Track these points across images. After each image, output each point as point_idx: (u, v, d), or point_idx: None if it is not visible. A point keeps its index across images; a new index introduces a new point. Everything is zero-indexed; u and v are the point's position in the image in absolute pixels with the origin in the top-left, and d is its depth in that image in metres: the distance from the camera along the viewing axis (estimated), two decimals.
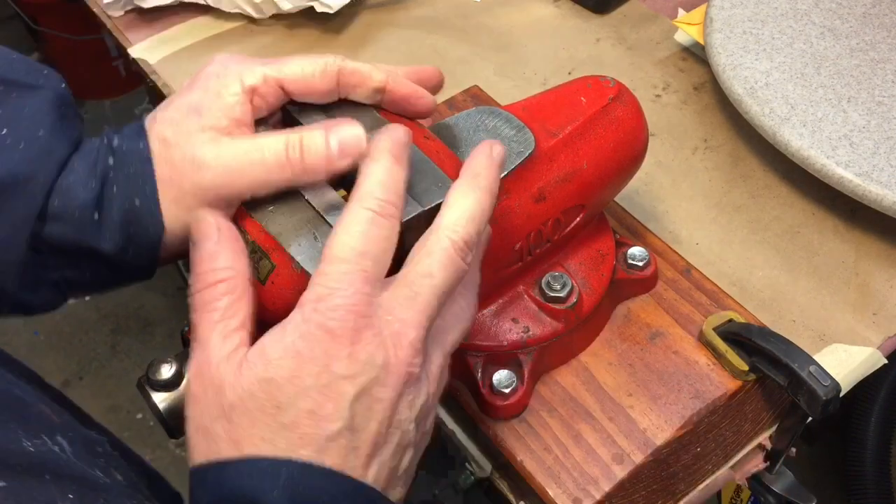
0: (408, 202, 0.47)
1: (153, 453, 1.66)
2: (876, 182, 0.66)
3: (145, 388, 0.50)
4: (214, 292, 0.43)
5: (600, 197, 0.61)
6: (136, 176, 0.49)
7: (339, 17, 0.91)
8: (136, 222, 0.49)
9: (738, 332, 0.59)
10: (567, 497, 0.55)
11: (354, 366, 0.41)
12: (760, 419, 0.63)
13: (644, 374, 0.60)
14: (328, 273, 0.42)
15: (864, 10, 0.82)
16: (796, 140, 0.69)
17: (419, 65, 0.55)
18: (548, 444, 0.57)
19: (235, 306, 0.43)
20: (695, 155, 0.78)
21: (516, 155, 0.55)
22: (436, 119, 0.61)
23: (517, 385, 0.57)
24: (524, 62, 0.87)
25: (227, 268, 0.43)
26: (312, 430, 0.40)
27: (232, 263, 0.43)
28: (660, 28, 0.90)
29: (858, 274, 0.69)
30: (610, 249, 0.63)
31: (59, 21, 2.06)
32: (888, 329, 0.66)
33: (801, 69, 0.75)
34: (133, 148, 0.49)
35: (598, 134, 0.58)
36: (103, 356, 1.82)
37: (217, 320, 0.42)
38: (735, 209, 0.74)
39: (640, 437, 0.57)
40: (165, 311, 1.88)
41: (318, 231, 0.46)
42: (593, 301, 0.60)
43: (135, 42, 0.89)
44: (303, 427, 0.40)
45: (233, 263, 0.43)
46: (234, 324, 0.42)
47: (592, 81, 0.60)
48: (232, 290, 0.43)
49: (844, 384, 0.61)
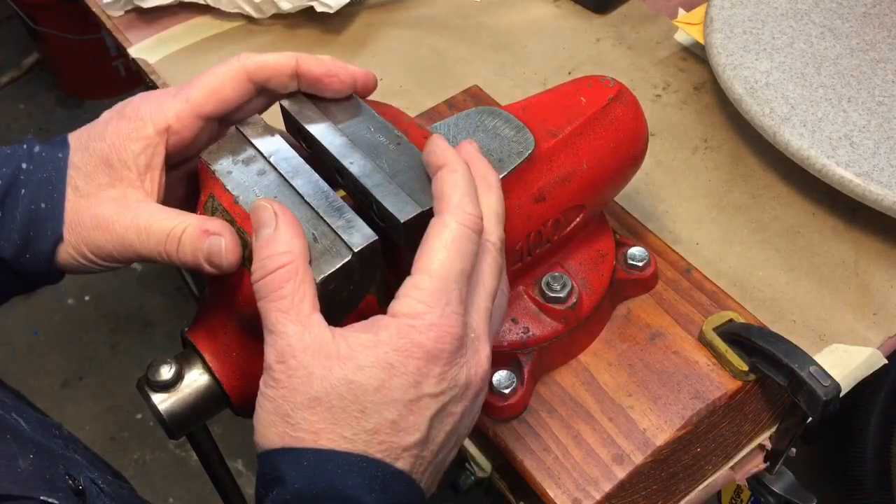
0: (407, 203, 0.47)
1: (153, 453, 1.66)
2: (876, 182, 0.66)
3: (145, 388, 0.50)
4: (277, 278, 0.43)
5: (600, 197, 0.61)
6: (47, 181, 0.51)
7: (339, 17, 0.91)
8: (36, 226, 0.50)
9: (738, 332, 0.59)
10: (567, 497, 0.55)
11: (441, 384, 0.43)
12: (760, 419, 0.63)
13: (644, 375, 0.60)
14: (425, 289, 0.43)
15: (864, 10, 0.82)
16: (796, 140, 0.69)
17: (419, 65, 0.55)
18: (547, 445, 0.57)
19: (301, 290, 0.43)
20: (695, 155, 0.78)
21: (516, 155, 0.55)
22: (436, 119, 0.61)
23: (517, 385, 0.57)
24: (524, 62, 0.87)
25: (285, 252, 0.43)
26: (391, 438, 0.42)
27: (289, 247, 0.44)
28: (660, 28, 0.90)
29: (858, 274, 0.69)
30: (610, 249, 0.63)
31: (59, 21, 2.06)
32: (888, 329, 0.66)
33: (802, 69, 0.75)
34: (51, 156, 0.51)
35: (598, 134, 0.58)
36: (103, 356, 1.82)
37: (286, 308, 0.43)
38: (735, 209, 0.74)
39: (640, 437, 0.57)
40: (165, 311, 1.88)
41: (317, 231, 0.46)
42: (593, 301, 0.60)
43: (135, 42, 0.89)
44: (383, 434, 0.42)
45: (290, 247, 0.44)
46: (307, 308, 0.43)
47: (592, 81, 0.60)
48: (294, 274, 0.43)
49: (844, 384, 0.61)
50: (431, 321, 0.42)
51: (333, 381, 0.42)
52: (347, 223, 0.46)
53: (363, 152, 0.49)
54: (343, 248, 0.45)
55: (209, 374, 0.51)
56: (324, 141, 0.50)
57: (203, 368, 0.51)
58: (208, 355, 0.51)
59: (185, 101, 0.51)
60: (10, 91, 2.34)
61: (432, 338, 0.42)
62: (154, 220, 0.49)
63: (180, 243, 0.49)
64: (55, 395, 1.75)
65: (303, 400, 0.42)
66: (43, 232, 0.50)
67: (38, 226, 0.50)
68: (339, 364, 0.42)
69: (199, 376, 0.51)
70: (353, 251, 0.45)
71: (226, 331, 0.50)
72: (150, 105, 0.51)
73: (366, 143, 0.50)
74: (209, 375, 0.51)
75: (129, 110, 0.51)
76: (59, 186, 0.51)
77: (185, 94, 0.51)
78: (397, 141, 0.50)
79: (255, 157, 0.50)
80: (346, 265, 0.45)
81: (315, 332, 0.42)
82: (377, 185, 0.47)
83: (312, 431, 0.42)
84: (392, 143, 0.50)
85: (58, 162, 0.51)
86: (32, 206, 0.50)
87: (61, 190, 0.51)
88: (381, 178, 0.48)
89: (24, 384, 1.77)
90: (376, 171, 0.48)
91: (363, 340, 0.42)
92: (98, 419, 1.72)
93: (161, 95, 0.51)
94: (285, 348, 0.42)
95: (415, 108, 0.78)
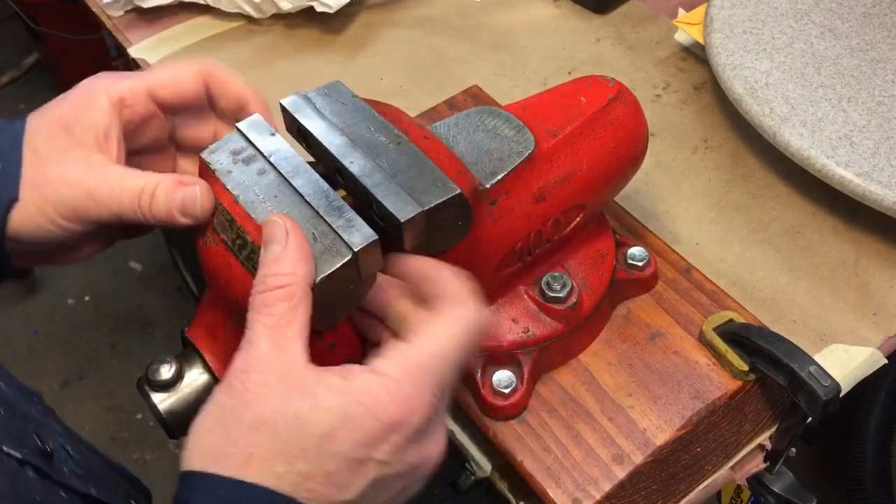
0: (407, 203, 0.47)
1: (153, 453, 1.66)
2: (876, 182, 0.66)
3: (145, 388, 0.50)
4: (272, 297, 0.43)
5: (600, 197, 0.61)
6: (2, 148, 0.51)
7: (339, 16, 0.91)
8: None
9: (738, 332, 0.59)
10: (567, 497, 0.55)
11: (392, 456, 0.42)
12: (760, 419, 0.63)
13: (644, 375, 0.60)
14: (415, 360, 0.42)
15: (864, 10, 0.82)
16: (796, 140, 0.69)
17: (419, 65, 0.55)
18: (547, 445, 0.57)
19: (291, 314, 0.42)
20: (695, 155, 0.78)
21: (516, 155, 0.55)
22: (436, 119, 0.61)
23: (517, 385, 0.57)
24: (524, 62, 0.87)
25: (288, 273, 0.43)
26: (322, 490, 0.40)
27: (294, 269, 0.43)
28: (660, 28, 0.90)
29: (858, 274, 0.69)
30: (610, 249, 0.63)
31: (59, 21, 2.06)
32: (888, 329, 0.66)
33: (802, 69, 0.75)
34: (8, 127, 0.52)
35: (598, 134, 0.58)
36: (103, 356, 1.82)
37: (271, 325, 0.42)
38: (735, 209, 0.74)
39: (640, 437, 0.57)
40: (165, 311, 1.88)
41: (317, 231, 0.46)
42: (593, 301, 0.60)
43: (135, 42, 0.89)
44: (314, 482, 0.40)
45: (294, 269, 0.43)
46: (291, 333, 0.42)
47: (592, 81, 0.60)
48: (290, 297, 0.42)
49: (844, 384, 0.61)
50: (408, 392, 0.41)
51: (286, 411, 0.40)
52: (347, 223, 0.46)
53: (363, 152, 0.49)
54: (343, 248, 0.45)
55: (209, 373, 0.51)
56: (324, 141, 0.50)
57: (203, 368, 0.51)
58: (208, 355, 0.51)
59: (142, 79, 0.52)
60: (10, 91, 2.34)
61: (403, 409, 0.41)
62: (125, 178, 0.49)
63: (154, 197, 0.49)
64: (55, 395, 1.75)
65: (250, 418, 0.40)
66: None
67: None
68: (298, 396, 0.41)
69: (199, 376, 0.51)
70: (353, 251, 0.45)
71: (226, 330, 0.50)
72: (108, 79, 0.52)
73: (366, 142, 0.50)
74: (209, 375, 0.51)
75: (86, 83, 0.52)
76: (15, 151, 0.50)
77: (144, 75, 0.52)
78: (397, 141, 0.50)
79: (255, 156, 0.50)
80: (346, 265, 0.45)
81: (289, 359, 0.41)
82: (377, 185, 0.47)
83: (246, 454, 0.40)
84: (392, 143, 0.50)
85: (14, 130, 0.51)
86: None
87: (18, 154, 0.50)
88: (381, 177, 0.48)
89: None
90: (376, 170, 0.48)
91: (332, 382, 0.41)
92: (98, 419, 1.72)
93: (120, 73, 0.53)
94: (254, 361, 0.41)
95: (415, 108, 0.78)
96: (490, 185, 0.54)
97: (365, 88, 0.83)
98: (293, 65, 0.87)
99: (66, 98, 0.52)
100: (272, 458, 0.40)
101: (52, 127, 0.51)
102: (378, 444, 0.41)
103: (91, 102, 0.51)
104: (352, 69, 0.86)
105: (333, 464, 0.40)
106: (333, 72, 0.85)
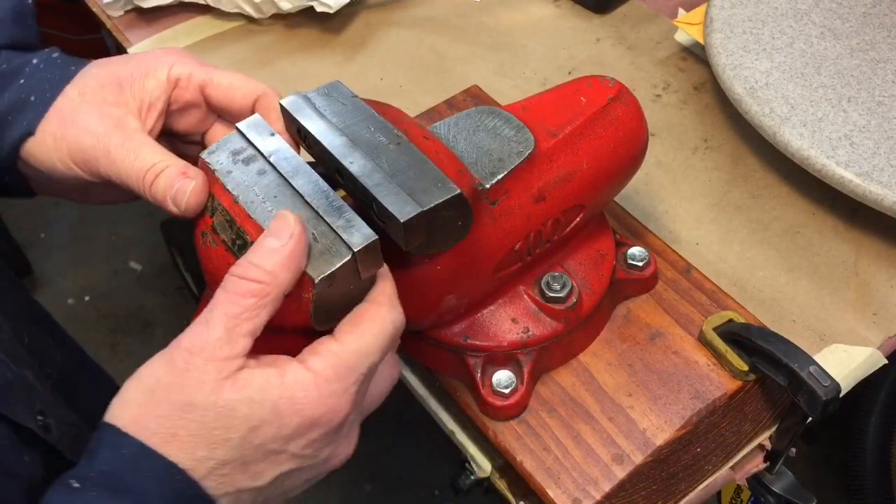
0: (407, 203, 0.47)
1: None
2: (876, 182, 0.66)
3: None
4: (246, 287, 0.43)
5: (600, 197, 0.61)
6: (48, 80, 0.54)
7: (339, 16, 0.91)
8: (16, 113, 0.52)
9: (738, 332, 0.59)
10: (567, 497, 0.55)
11: (308, 450, 0.44)
12: (760, 419, 0.63)
13: (644, 375, 0.60)
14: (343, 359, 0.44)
15: (864, 10, 0.82)
16: (796, 140, 0.69)
17: (419, 65, 0.56)
18: (547, 445, 0.57)
19: (254, 312, 0.42)
20: (695, 155, 0.78)
21: (516, 155, 0.55)
22: (436, 119, 0.61)
23: (517, 385, 0.57)
24: (524, 62, 0.87)
25: (270, 272, 0.43)
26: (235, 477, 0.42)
27: (277, 271, 0.43)
28: (660, 28, 0.90)
29: (858, 274, 0.69)
30: (610, 249, 0.63)
31: (59, 21, 2.06)
32: (888, 329, 0.66)
33: (802, 69, 0.75)
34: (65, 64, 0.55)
35: (598, 134, 0.58)
36: (103, 356, 1.82)
37: (232, 314, 0.42)
38: (735, 209, 0.74)
39: (640, 437, 0.57)
40: (165, 311, 1.88)
41: (317, 231, 0.46)
42: (593, 301, 0.60)
43: (135, 42, 0.89)
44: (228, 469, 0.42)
45: (278, 271, 0.43)
46: (245, 328, 0.42)
47: (592, 81, 0.60)
48: (262, 296, 0.43)
49: (844, 384, 0.61)
50: (334, 391, 0.43)
51: (219, 400, 0.41)
52: (347, 223, 0.46)
53: (363, 152, 0.49)
54: (343, 248, 0.45)
55: None
56: (324, 141, 0.50)
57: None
58: None
59: (202, 71, 0.54)
60: None
61: (327, 407, 0.43)
62: (143, 149, 0.51)
63: (156, 179, 0.50)
64: None
65: (181, 399, 0.41)
66: (19, 121, 0.52)
67: (18, 114, 0.52)
68: (232, 388, 0.41)
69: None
70: (352, 251, 0.45)
71: None
72: (175, 56, 0.55)
73: (366, 143, 0.50)
74: None
75: (155, 53, 0.55)
76: (55, 89, 0.53)
77: (208, 68, 0.55)
78: (397, 141, 0.50)
79: (255, 156, 0.50)
80: (345, 265, 0.45)
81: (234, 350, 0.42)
82: (377, 185, 0.47)
83: (170, 432, 0.41)
84: (392, 143, 0.50)
85: (67, 70, 0.54)
86: (22, 96, 0.53)
87: (55, 92, 0.53)
88: (381, 177, 0.48)
89: None
90: (376, 170, 0.48)
91: (268, 376, 0.42)
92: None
93: (188, 56, 0.55)
94: (201, 344, 0.42)
95: (415, 108, 0.78)
96: (490, 185, 0.54)
97: (365, 88, 0.83)
98: (293, 65, 0.87)
99: (131, 59, 0.55)
100: (194, 442, 0.41)
101: (107, 78, 0.53)
102: (296, 439, 0.43)
103: (151, 71, 0.53)
104: (352, 69, 0.86)
105: (251, 454, 0.42)
106: (333, 72, 0.85)
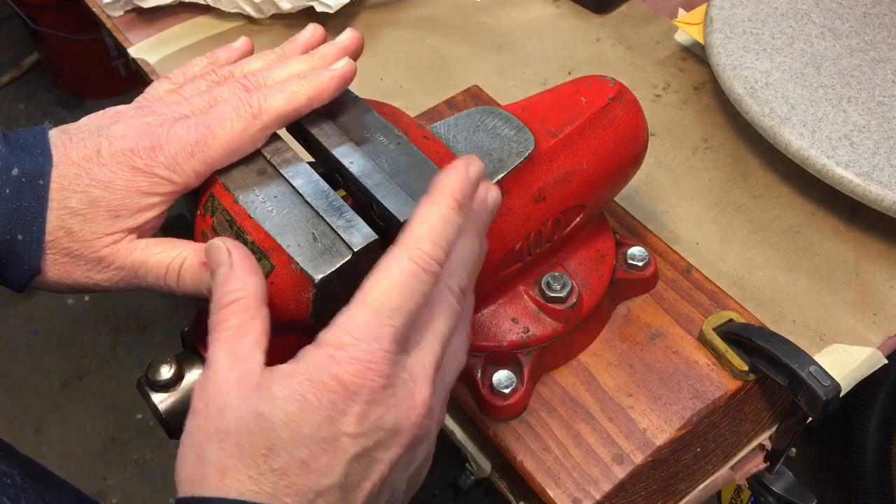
0: (407, 203, 0.47)
1: (153, 453, 1.66)
2: (876, 182, 0.66)
3: (145, 388, 0.50)
4: (227, 312, 0.42)
5: (600, 197, 0.61)
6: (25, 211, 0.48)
7: (339, 17, 0.91)
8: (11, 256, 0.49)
9: (738, 332, 0.59)
10: (567, 497, 0.55)
11: (362, 425, 0.39)
12: (760, 419, 0.63)
13: (644, 375, 0.60)
14: (356, 319, 0.40)
15: (864, 9, 0.82)
16: (796, 140, 0.69)
17: (419, 65, 0.55)
18: (547, 445, 0.57)
19: (247, 325, 0.42)
20: (695, 155, 0.78)
21: (516, 155, 0.55)
22: (436, 119, 0.61)
23: (517, 385, 0.57)
24: (524, 62, 0.87)
25: (238, 289, 0.43)
26: (302, 481, 0.39)
27: (243, 284, 0.43)
28: (660, 28, 0.90)
29: (858, 274, 0.69)
30: (610, 249, 0.63)
31: (59, 21, 2.06)
32: (888, 329, 0.66)
33: (802, 69, 0.75)
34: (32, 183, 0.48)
35: (598, 134, 0.58)
36: (103, 356, 1.82)
37: (227, 339, 0.42)
38: (735, 209, 0.74)
39: (640, 437, 0.57)
40: (165, 311, 1.88)
41: (317, 231, 0.46)
42: (593, 301, 0.60)
43: (135, 42, 0.89)
44: (292, 475, 0.39)
45: (244, 284, 0.43)
46: (246, 343, 0.41)
47: (592, 81, 0.60)
48: (243, 310, 0.42)
49: (844, 384, 0.61)
50: (354, 354, 0.39)
51: (245, 412, 0.39)
52: (347, 223, 0.46)
53: (363, 152, 0.49)
54: (343, 248, 0.45)
55: None
56: (324, 141, 0.50)
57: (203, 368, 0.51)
58: None
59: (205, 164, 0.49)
60: (10, 91, 2.34)
61: (352, 371, 0.39)
62: (149, 255, 0.50)
63: (180, 277, 0.49)
64: (55, 395, 1.75)
65: (214, 431, 0.39)
66: (18, 265, 0.49)
67: (14, 257, 0.49)
68: (254, 395, 0.39)
69: (199, 376, 0.51)
70: (352, 250, 0.45)
71: None
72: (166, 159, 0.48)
73: (366, 143, 0.50)
74: None
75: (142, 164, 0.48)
76: (38, 218, 0.48)
77: (204, 155, 0.48)
78: (397, 141, 0.50)
79: (255, 156, 0.50)
80: (345, 264, 0.45)
81: (246, 366, 0.41)
82: (377, 185, 0.47)
83: (220, 468, 0.39)
84: (392, 143, 0.50)
85: (38, 190, 0.48)
86: (8, 237, 0.48)
87: (41, 223, 0.48)
88: (381, 177, 0.48)
89: (24, 384, 1.77)
90: (376, 170, 0.48)
91: (283, 370, 0.40)
92: (98, 419, 1.72)
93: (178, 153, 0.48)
94: (209, 376, 0.41)
95: (415, 108, 0.78)
96: None
97: (365, 88, 0.83)
98: None
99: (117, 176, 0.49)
100: (243, 465, 0.39)
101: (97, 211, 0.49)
102: (341, 418, 0.39)
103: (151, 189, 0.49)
104: None
105: (305, 451, 0.39)
106: None
